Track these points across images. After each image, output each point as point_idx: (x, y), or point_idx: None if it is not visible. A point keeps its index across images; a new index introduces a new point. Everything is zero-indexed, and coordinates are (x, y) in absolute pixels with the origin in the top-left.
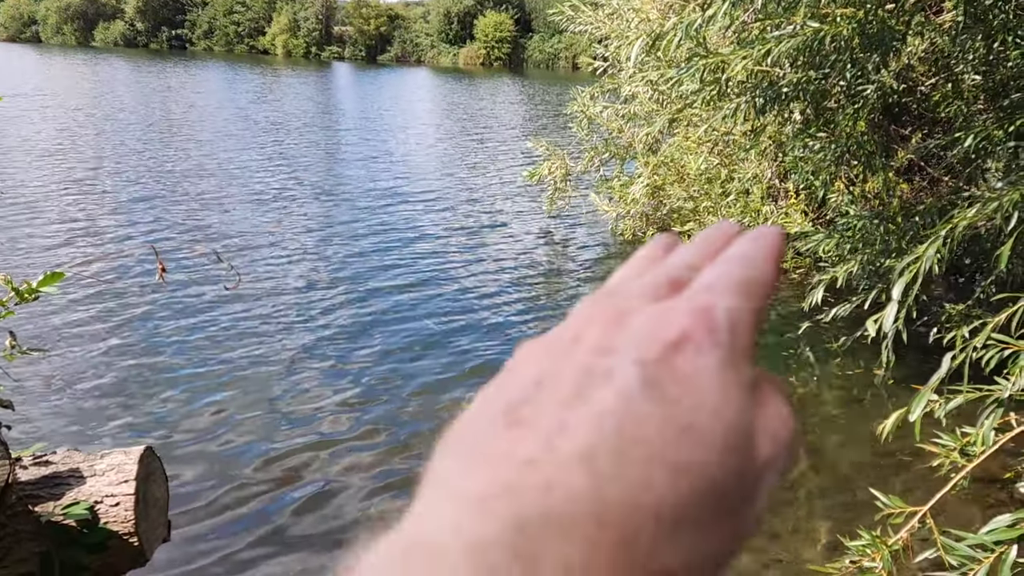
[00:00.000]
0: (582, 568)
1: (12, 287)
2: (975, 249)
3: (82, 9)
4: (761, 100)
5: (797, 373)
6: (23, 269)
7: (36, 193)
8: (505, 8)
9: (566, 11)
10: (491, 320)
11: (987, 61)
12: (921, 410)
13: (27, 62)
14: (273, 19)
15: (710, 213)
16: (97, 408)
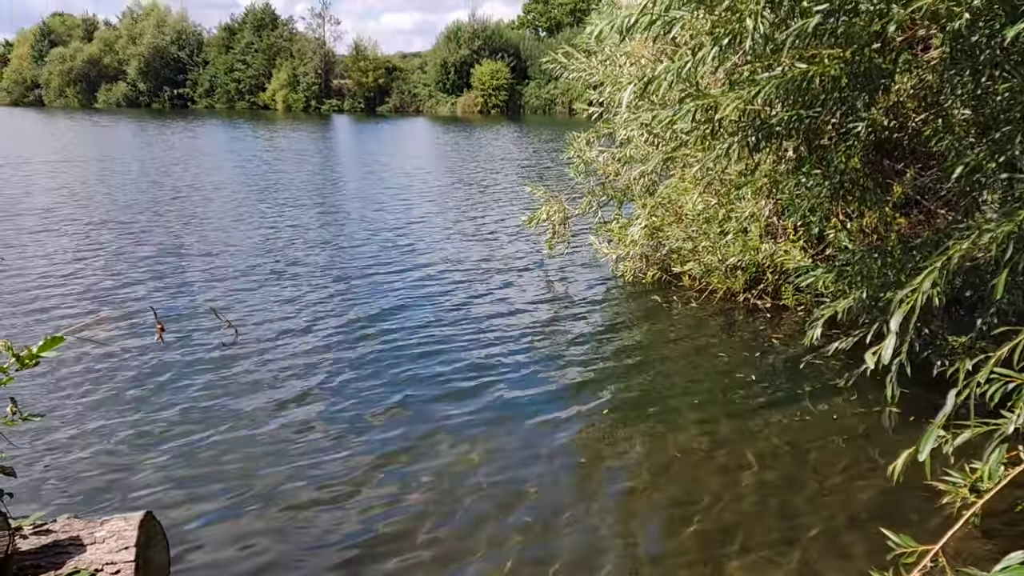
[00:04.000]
0: None
1: (12, 353)
2: (975, 280)
3: (84, 72)
4: (754, 139)
5: (801, 410)
6: (23, 330)
7: (36, 256)
8: (501, 56)
9: (560, 59)
10: (494, 365)
11: (976, 96)
12: (930, 449)
13: (30, 125)
14: (273, 75)
15: (709, 252)
16: (97, 472)
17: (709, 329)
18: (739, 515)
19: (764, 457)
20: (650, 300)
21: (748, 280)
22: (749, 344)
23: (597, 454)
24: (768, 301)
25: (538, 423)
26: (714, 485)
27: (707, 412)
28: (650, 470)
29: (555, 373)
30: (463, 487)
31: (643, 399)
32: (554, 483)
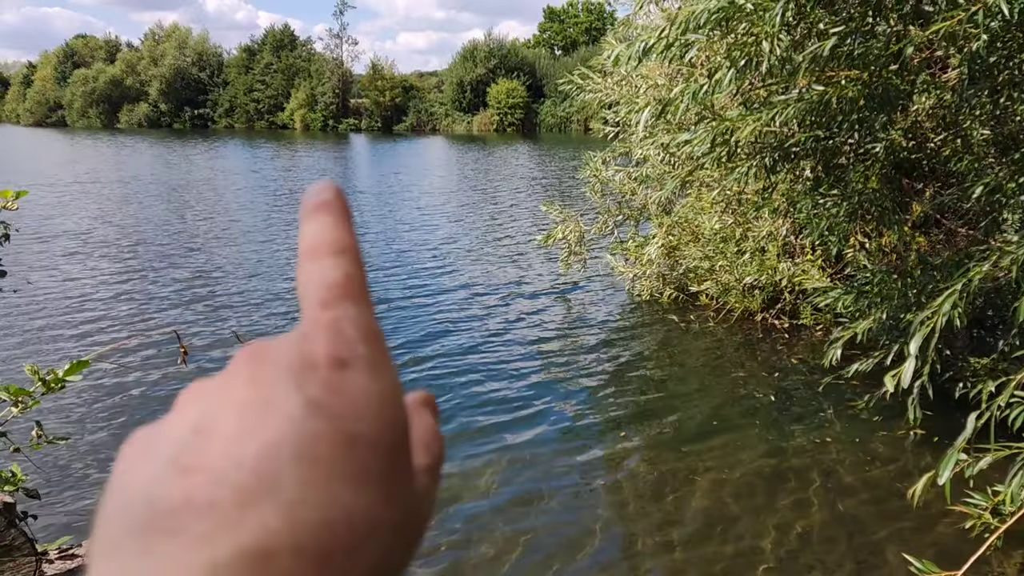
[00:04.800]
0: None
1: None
2: (996, 302)
3: (107, 93)
4: (771, 160)
5: (821, 432)
6: (49, 354)
7: (62, 279)
8: (517, 75)
9: (576, 80)
10: (510, 386)
11: (994, 116)
12: (950, 473)
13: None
14: (291, 95)
15: (726, 272)
16: None
17: (727, 349)
18: (758, 538)
19: (783, 480)
20: (667, 320)
21: (766, 300)
22: (767, 365)
23: (615, 475)
24: (786, 321)
25: (555, 443)
26: (733, 508)
27: (726, 434)
28: (668, 491)
29: (571, 393)
30: (476, 510)
31: (661, 420)
32: (572, 504)
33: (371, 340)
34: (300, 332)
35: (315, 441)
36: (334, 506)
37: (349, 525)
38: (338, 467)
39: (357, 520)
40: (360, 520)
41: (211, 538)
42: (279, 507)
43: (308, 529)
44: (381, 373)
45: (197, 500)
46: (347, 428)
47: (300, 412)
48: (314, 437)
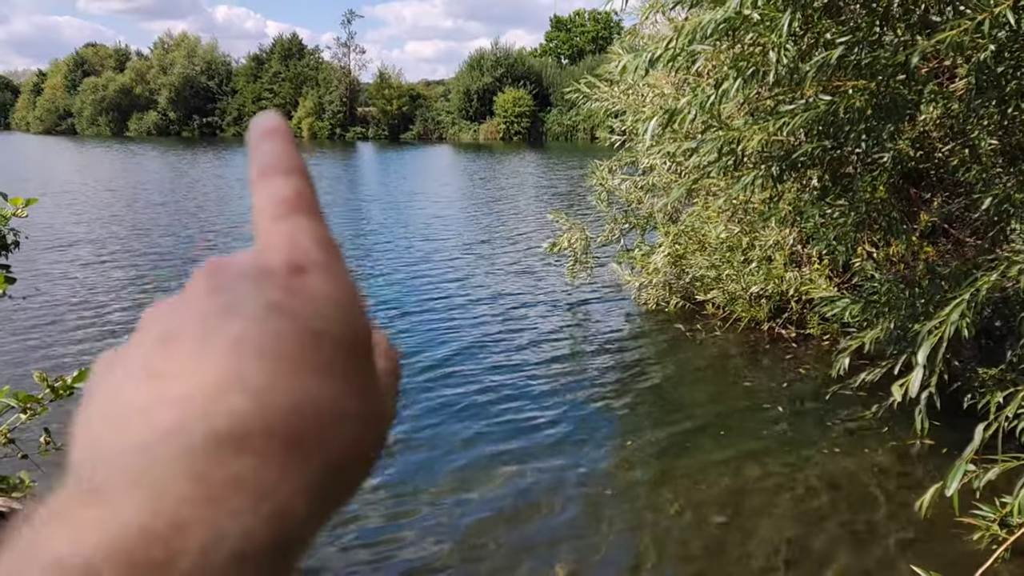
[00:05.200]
0: (253, 477)
1: (47, 384)
2: (1004, 312)
3: (116, 101)
4: (777, 169)
5: (828, 442)
6: (57, 358)
7: (73, 286)
8: (523, 84)
9: (583, 89)
10: (516, 395)
11: (1002, 126)
12: (957, 484)
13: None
14: (299, 103)
15: (733, 281)
16: None
17: (733, 358)
18: (764, 548)
19: (790, 490)
20: (673, 328)
21: (772, 309)
22: (774, 374)
23: (619, 483)
24: (793, 330)
25: (561, 455)
26: (738, 517)
27: (732, 445)
28: (674, 502)
29: (577, 403)
30: (483, 519)
31: (666, 429)
32: (575, 512)
33: (326, 248)
34: (256, 246)
35: (278, 338)
36: (302, 394)
37: (316, 412)
38: (303, 361)
39: (324, 408)
40: (327, 409)
41: (183, 427)
42: (247, 395)
43: (278, 414)
44: (338, 277)
45: (167, 397)
46: (310, 326)
47: (262, 313)
48: (277, 334)
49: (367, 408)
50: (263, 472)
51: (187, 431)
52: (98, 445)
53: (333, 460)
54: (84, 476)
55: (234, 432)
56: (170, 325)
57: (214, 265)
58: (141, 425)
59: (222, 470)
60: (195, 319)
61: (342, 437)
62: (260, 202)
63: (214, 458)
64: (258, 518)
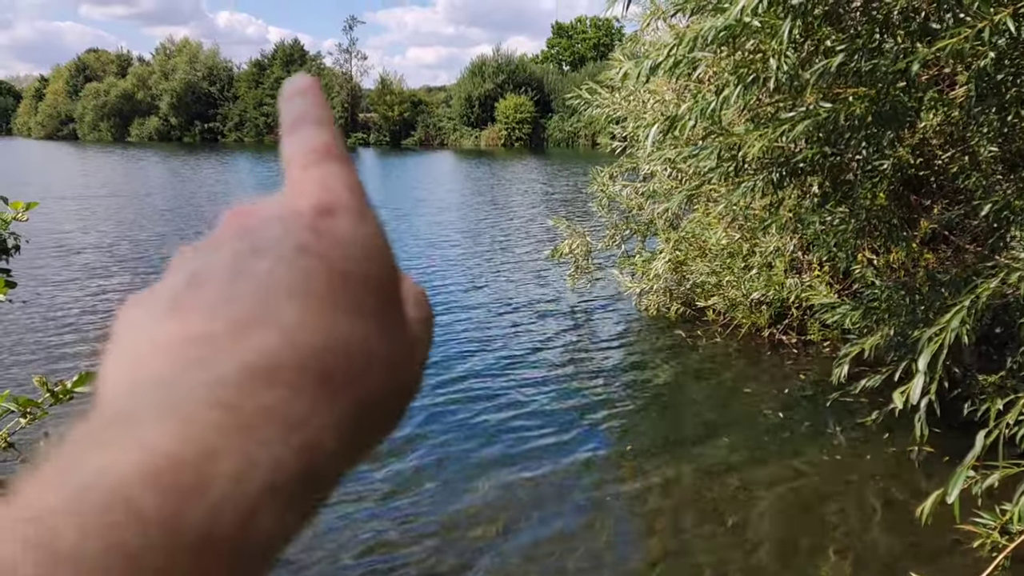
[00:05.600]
0: (284, 408)
1: (47, 388)
2: (1005, 318)
3: (118, 106)
4: (778, 175)
5: (829, 449)
6: (57, 363)
7: (69, 290)
8: (525, 90)
9: (584, 95)
10: (517, 402)
11: (1002, 133)
12: (958, 491)
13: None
14: None
15: (733, 287)
16: None
17: (734, 365)
18: (764, 554)
19: (791, 497)
20: (674, 335)
21: (773, 315)
22: (775, 380)
23: (620, 490)
24: (794, 336)
25: (562, 461)
26: (741, 525)
27: (734, 451)
28: (675, 509)
29: (579, 409)
30: (483, 527)
31: (666, 436)
32: (575, 518)
33: (354, 191)
34: (285, 190)
35: (308, 277)
36: (331, 333)
37: (346, 351)
38: (333, 300)
39: (354, 348)
40: (357, 348)
41: (214, 360)
42: (278, 330)
43: (308, 350)
44: (367, 221)
45: (193, 333)
46: (338, 267)
47: (291, 253)
48: (307, 273)
49: (396, 350)
50: (293, 404)
51: (217, 363)
52: (125, 379)
53: (362, 399)
54: (112, 405)
55: (265, 365)
56: (197, 266)
57: (242, 210)
58: (169, 358)
59: (253, 401)
60: (223, 260)
61: (371, 377)
62: (290, 152)
63: (245, 389)
64: (288, 448)
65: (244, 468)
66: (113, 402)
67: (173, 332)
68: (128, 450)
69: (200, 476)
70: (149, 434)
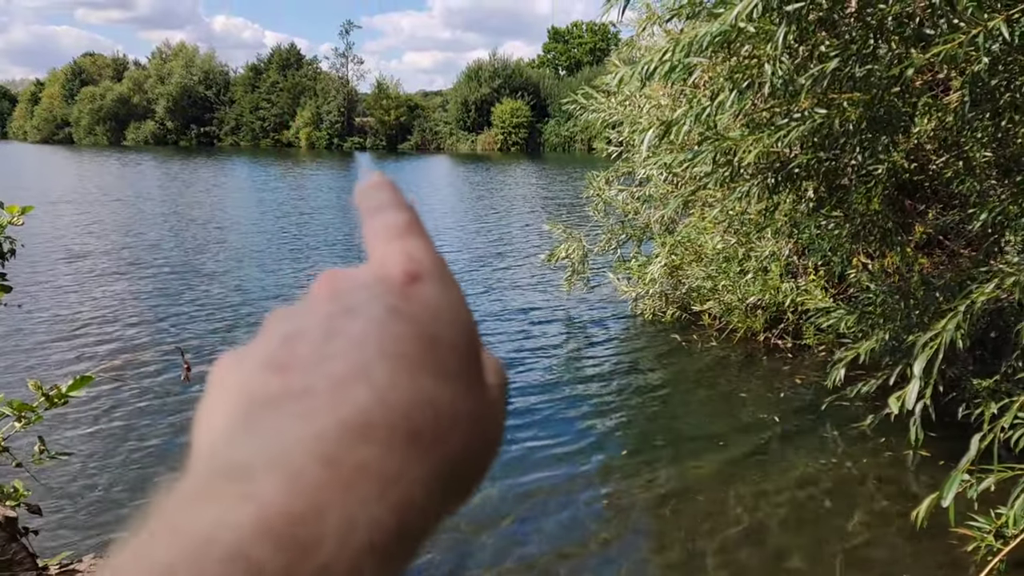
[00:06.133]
0: (375, 465)
1: (42, 392)
2: (1000, 323)
3: (114, 110)
4: (773, 180)
5: (824, 453)
6: (52, 367)
7: (64, 295)
8: (521, 95)
9: (580, 100)
10: (512, 399)
11: (996, 138)
12: (953, 495)
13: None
14: (297, 113)
15: (729, 291)
16: (123, 510)
17: (730, 369)
18: (759, 558)
19: (787, 502)
20: (670, 339)
21: (768, 319)
22: (771, 385)
23: (614, 494)
24: (789, 341)
25: (556, 466)
26: (736, 529)
27: (729, 455)
28: (670, 513)
29: (574, 414)
30: (475, 531)
31: (664, 441)
32: (570, 522)
33: (437, 261)
34: (372, 261)
35: (399, 339)
36: (420, 393)
37: (435, 411)
38: (422, 362)
39: (441, 408)
40: (444, 409)
41: (313, 414)
42: (372, 390)
43: (399, 410)
44: (450, 288)
45: (294, 388)
46: (427, 331)
47: (382, 316)
48: (397, 336)
49: (479, 410)
50: (386, 461)
51: (318, 417)
52: (225, 429)
53: (449, 456)
54: (216, 457)
55: (359, 422)
56: (293, 326)
57: (333, 275)
58: (270, 413)
59: (351, 456)
60: (317, 321)
61: (457, 435)
62: (373, 230)
63: (344, 444)
64: (384, 507)
65: (348, 527)
66: (216, 453)
67: (273, 386)
68: (242, 504)
69: (312, 534)
70: (261, 488)
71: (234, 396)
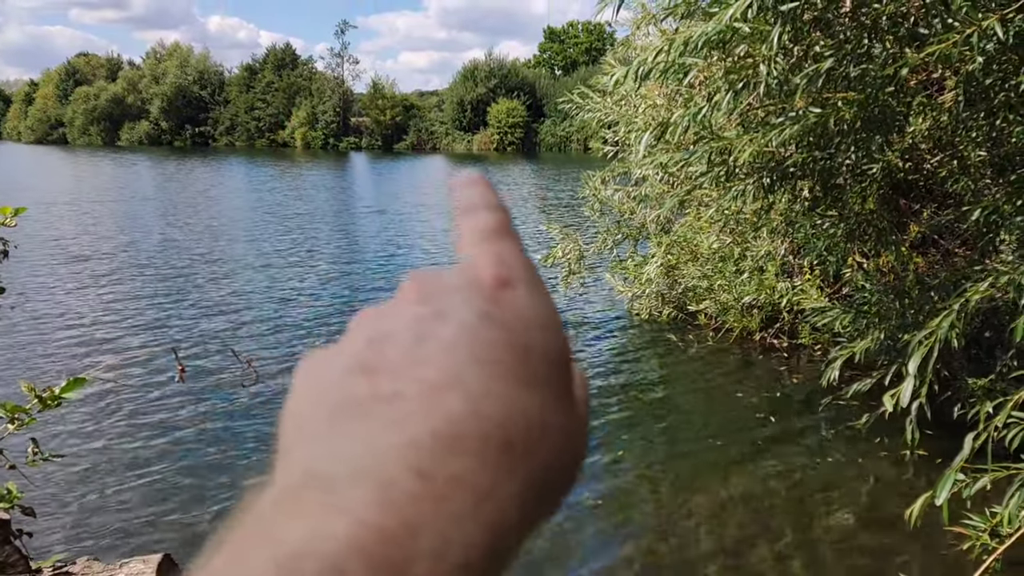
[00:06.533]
0: (469, 479)
1: (35, 395)
2: (994, 322)
3: (108, 110)
4: (768, 180)
5: (820, 452)
6: (45, 369)
7: (57, 295)
8: (517, 95)
9: (575, 100)
10: None
11: (991, 137)
12: (947, 494)
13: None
14: (292, 113)
15: (725, 291)
16: (117, 513)
17: (726, 368)
18: (755, 558)
19: (782, 500)
20: (666, 339)
21: (764, 319)
22: (766, 384)
23: (610, 493)
24: (785, 340)
25: None
26: (731, 528)
27: (725, 454)
28: (666, 512)
29: None
30: None
31: (660, 440)
32: (567, 525)
33: (527, 266)
34: (463, 263)
35: (491, 345)
36: (512, 403)
37: (527, 422)
38: (514, 370)
39: (533, 419)
40: (535, 419)
41: (404, 422)
42: (464, 399)
43: (492, 420)
44: (540, 294)
45: (383, 392)
46: (518, 338)
47: (474, 321)
48: (490, 342)
49: (569, 422)
50: (479, 474)
51: (409, 425)
52: (313, 434)
53: (539, 470)
54: (305, 463)
55: (452, 432)
56: (381, 328)
57: (422, 277)
58: (359, 417)
59: (443, 468)
60: (406, 323)
61: (547, 448)
62: (465, 230)
63: (436, 456)
64: (477, 524)
65: (441, 546)
66: (305, 458)
67: (362, 389)
68: (334, 517)
69: (405, 553)
70: (353, 501)
71: (321, 397)
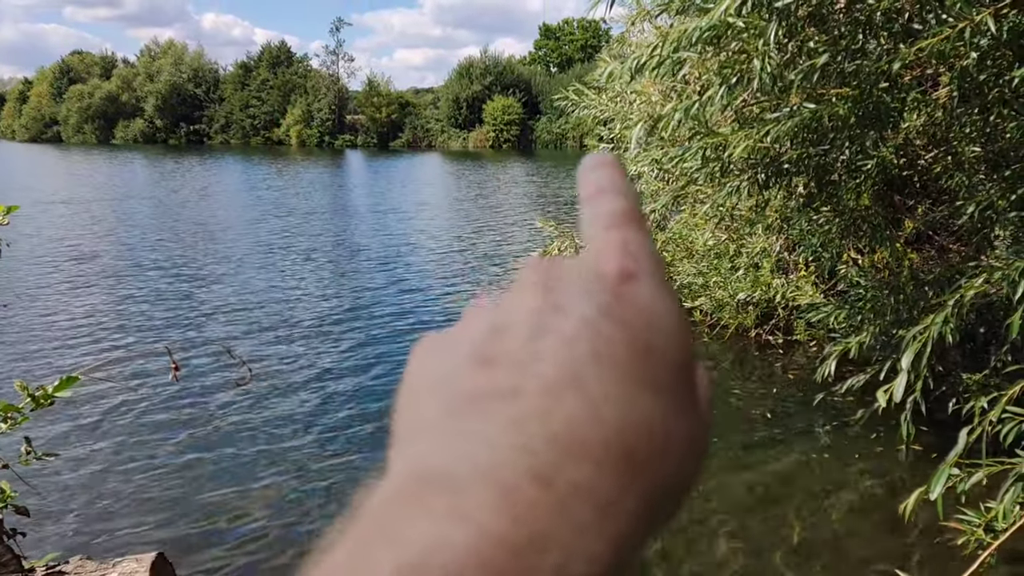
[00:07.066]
0: (589, 487)
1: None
2: (988, 317)
3: (103, 109)
4: (763, 176)
5: (815, 448)
6: (38, 368)
7: (51, 295)
8: (512, 92)
9: (571, 96)
10: None
11: (985, 133)
12: (941, 488)
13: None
14: (288, 111)
15: (720, 288)
16: (110, 512)
17: (721, 365)
18: (748, 554)
19: (775, 495)
20: None
21: (759, 315)
22: (762, 380)
23: None
24: (780, 336)
25: None
26: (725, 524)
27: (718, 451)
28: None
29: None
30: None
31: None
32: None
33: (654, 260)
34: (586, 251)
35: (611, 343)
36: (634, 407)
37: (649, 429)
38: (635, 372)
39: (655, 425)
40: (658, 426)
41: (523, 423)
42: (584, 401)
43: (612, 426)
44: (665, 290)
45: (502, 386)
46: (640, 337)
47: (594, 315)
48: (610, 339)
49: (691, 430)
50: (601, 484)
51: (527, 426)
52: (432, 425)
53: (659, 480)
54: (426, 458)
55: (572, 437)
56: (499, 317)
57: (542, 265)
58: (476, 412)
59: (562, 475)
60: (525, 314)
61: (669, 457)
62: (593, 214)
63: (557, 461)
64: (600, 537)
65: (564, 560)
66: (422, 453)
67: (480, 381)
68: (458, 524)
69: (527, 565)
70: (475, 507)
71: (438, 385)
